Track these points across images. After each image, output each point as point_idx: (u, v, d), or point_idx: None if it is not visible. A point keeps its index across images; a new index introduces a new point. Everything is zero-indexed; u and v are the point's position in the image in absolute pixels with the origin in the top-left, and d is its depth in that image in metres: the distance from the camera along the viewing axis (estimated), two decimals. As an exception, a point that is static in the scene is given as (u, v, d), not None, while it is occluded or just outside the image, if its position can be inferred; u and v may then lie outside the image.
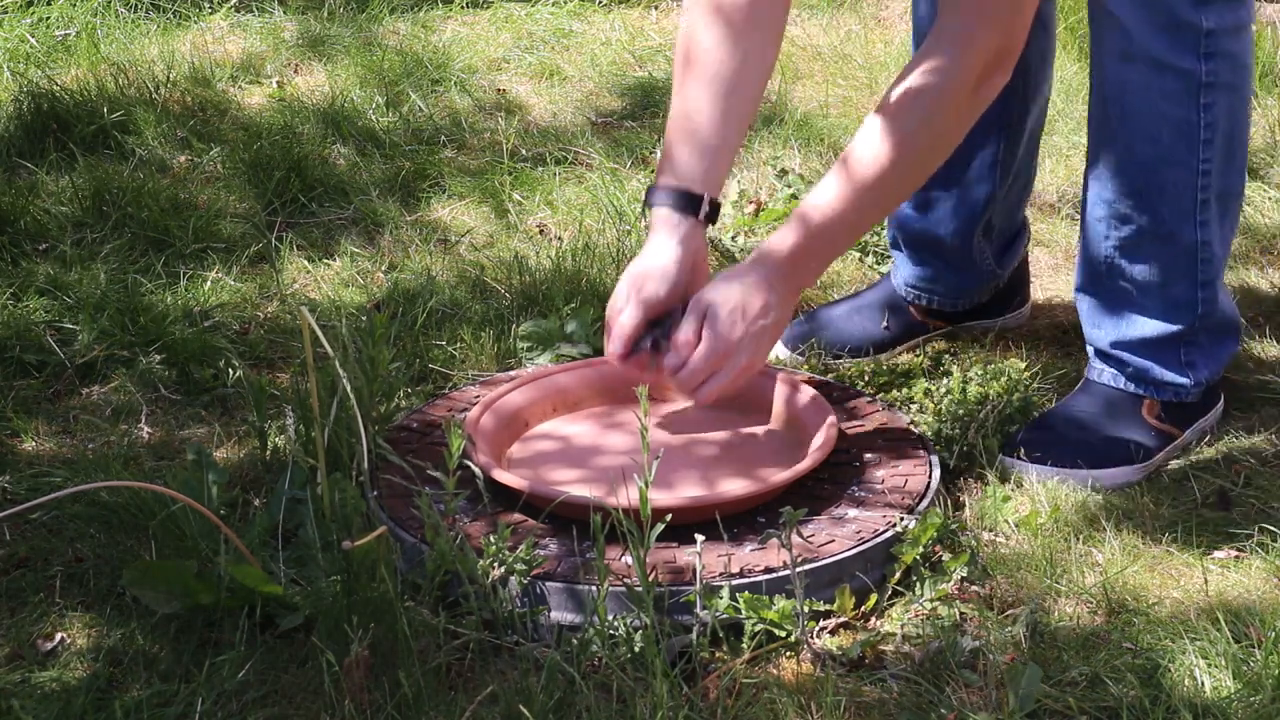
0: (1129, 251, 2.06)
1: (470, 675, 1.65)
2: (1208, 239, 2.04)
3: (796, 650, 1.67)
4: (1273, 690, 1.57)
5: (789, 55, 3.52)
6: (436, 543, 1.69)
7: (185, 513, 1.78)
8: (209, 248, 2.67)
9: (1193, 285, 2.05)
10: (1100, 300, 2.11)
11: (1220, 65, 1.97)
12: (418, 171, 2.99)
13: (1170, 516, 1.94)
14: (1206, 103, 1.98)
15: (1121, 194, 2.04)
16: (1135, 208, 2.03)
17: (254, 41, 3.63)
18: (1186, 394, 2.08)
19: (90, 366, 2.30)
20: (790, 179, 2.84)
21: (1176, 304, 2.06)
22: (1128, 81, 1.99)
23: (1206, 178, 2.01)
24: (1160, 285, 2.06)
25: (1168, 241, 2.04)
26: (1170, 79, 1.97)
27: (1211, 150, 2.00)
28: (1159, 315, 2.07)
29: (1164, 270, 2.05)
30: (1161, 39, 1.96)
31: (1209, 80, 1.97)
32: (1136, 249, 2.05)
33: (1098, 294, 2.11)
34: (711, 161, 1.97)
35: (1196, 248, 2.04)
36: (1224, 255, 2.08)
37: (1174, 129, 1.99)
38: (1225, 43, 1.97)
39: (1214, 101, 1.98)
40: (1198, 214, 2.02)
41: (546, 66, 3.52)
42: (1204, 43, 1.96)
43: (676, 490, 1.87)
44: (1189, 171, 2.01)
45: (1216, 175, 2.02)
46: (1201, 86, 1.97)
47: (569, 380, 2.10)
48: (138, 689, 1.62)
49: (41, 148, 3.00)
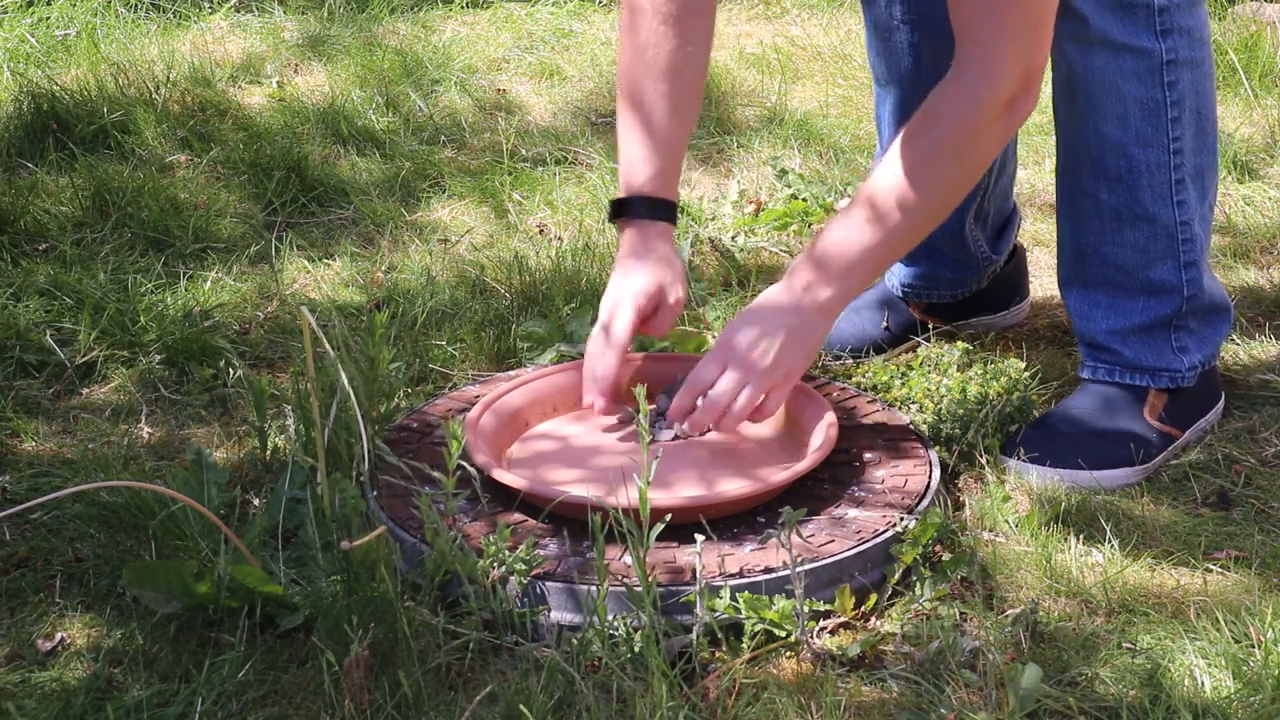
0: (1110, 237, 2.06)
1: (470, 675, 1.65)
2: (1186, 218, 2.04)
3: (796, 650, 1.67)
4: (1273, 690, 1.57)
5: (789, 55, 3.53)
6: (436, 543, 1.69)
7: (185, 513, 1.79)
8: (209, 248, 2.67)
9: (1176, 266, 2.06)
10: (1086, 292, 2.11)
11: (1178, 41, 1.98)
12: (418, 171, 3.00)
13: (1170, 516, 1.94)
14: (1170, 80, 1.99)
15: (1097, 179, 2.04)
16: (1112, 192, 2.04)
17: (254, 41, 3.64)
18: (1183, 378, 2.08)
19: (90, 366, 2.30)
20: (790, 179, 2.84)
21: (1162, 287, 2.07)
22: (1089, 66, 1.99)
23: (1179, 156, 2.02)
24: (1143, 268, 2.06)
25: (1147, 223, 2.04)
26: (1130, 60, 1.98)
27: (1180, 128, 2.01)
28: (1146, 300, 2.07)
29: (1146, 253, 2.06)
30: (1116, 20, 1.96)
31: (1170, 58, 1.98)
32: (1117, 234, 2.05)
33: (1083, 285, 2.11)
34: (668, 161, 1.98)
35: (1175, 228, 2.04)
36: (1205, 235, 2.08)
37: (1141, 109, 2.00)
38: (1179, 18, 1.98)
39: (1178, 79, 1.99)
40: (1174, 194, 2.03)
41: (546, 66, 3.53)
42: (1158, 20, 1.97)
43: (675, 490, 1.87)
44: (1161, 151, 2.01)
45: (1189, 153, 2.02)
46: (1164, 65, 1.98)
47: (569, 380, 2.10)
48: (138, 689, 1.62)
49: (41, 148, 3.01)
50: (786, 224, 2.75)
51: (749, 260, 2.65)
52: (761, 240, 2.71)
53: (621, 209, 1.99)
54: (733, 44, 3.68)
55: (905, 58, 2.21)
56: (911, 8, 2.19)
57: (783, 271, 2.62)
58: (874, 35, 2.25)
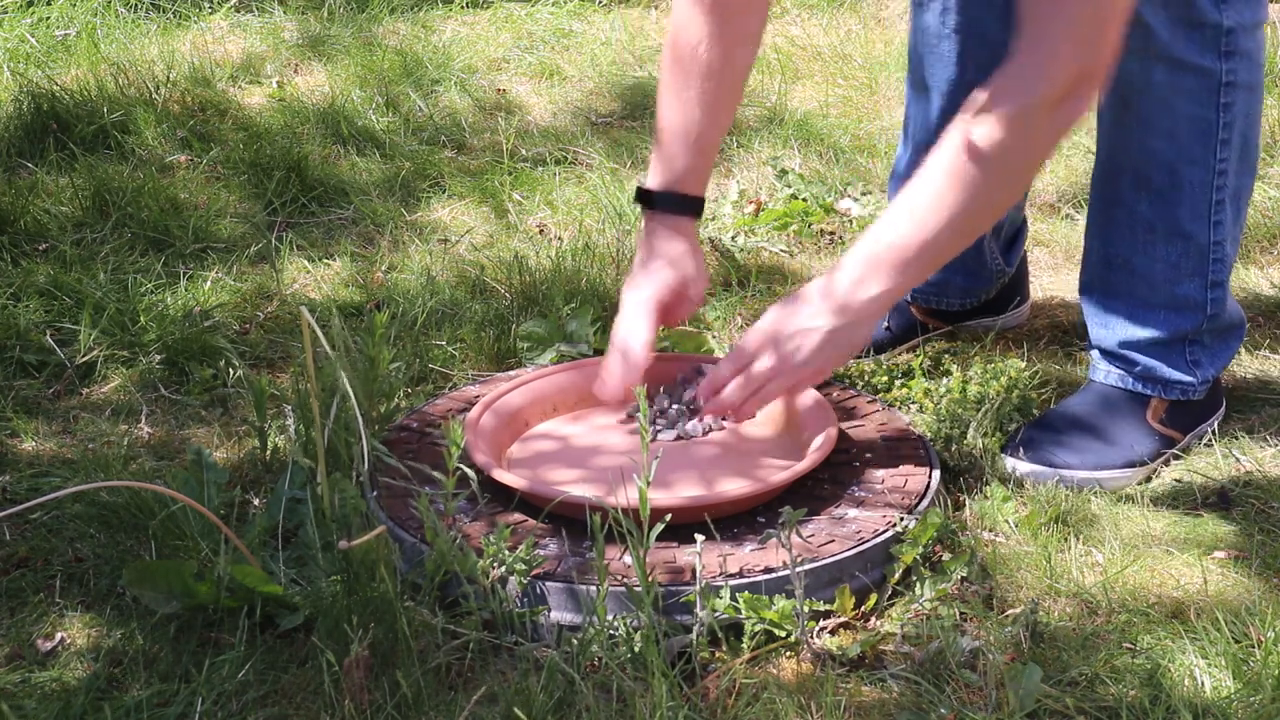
0: (1142, 249, 2.05)
1: (470, 675, 1.65)
2: (1220, 239, 2.04)
3: (796, 650, 1.67)
4: (1273, 690, 1.57)
5: (789, 55, 3.53)
6: (436, 543, 1.69)
7: (185, 513, 1.79)
8: (209, 248, 2.67)
9: (1203, 285, 2.05)
10: (1108, 299, 2.10)
11: (1239, 64, 1.97)
12: (418, 171, 3.00)
13: (1170, 516, 1.94)
14: (1226, 102, 1.98)
15: (1137, 191, 2.03)
16: (1151, 205, 2.03)
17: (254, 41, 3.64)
18: (1194, 392, 2.09)
19: (90, 366, 2.30)
20: (790, 179, 2.84)
21: (1186, 303, 2.06)
22: (1148, 80, 1.98)
23: (1223, 177, 2.01)
24: (1171, 284, 2.05)
25: (1182, 240, 2.03)
26: (1190, 78, 1.97)
27: (1228, 150, 2.00)
28: (1168, 314, 2.06)
29: (1176, 269, 2.05)
30: (1183, 37, 1.95)
31: (1229, 80, 1.97)
32: (1150, 247, 2.05)
33: (1106, 292, 2.10)
34: (701, 158, 1.99)
35: (1209, 247, 2.04)
36: (1234, 256, 2.08)
37: (1193, 127, 1.99)
38: (1243, 41, 1.97)
39: (1233, 101, 1.98)
40: (1212, 214, 2.02)
41: (546, 66, 3.53)
42: (1224, 41, 1.96)
43: (675, 490, 1.87)
44: (1206, 170, 2.00)
45: (1232, 175, 2.02)
46: (1221, 86, 1.97)
47: (569, 380, 2.10)
48: (138, 689, 1.62)
49: (41, 148, 3.01)
50: (786, 224, 2.75)
51: (749, 260, 2.65)
52: (761, 240, 2.71)
53: (645, 199, 2.03)
54: (733, 44, 3.67)
55: (951, 67, 2.20)
56: (964, 18, 2.17)
57: (783, 271, 2.63)
58: (921, 41, 2.24)
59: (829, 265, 2.62)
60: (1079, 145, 3.03)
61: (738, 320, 2.43)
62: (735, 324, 2.42)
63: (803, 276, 2.60)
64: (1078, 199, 2.84)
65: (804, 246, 2.69)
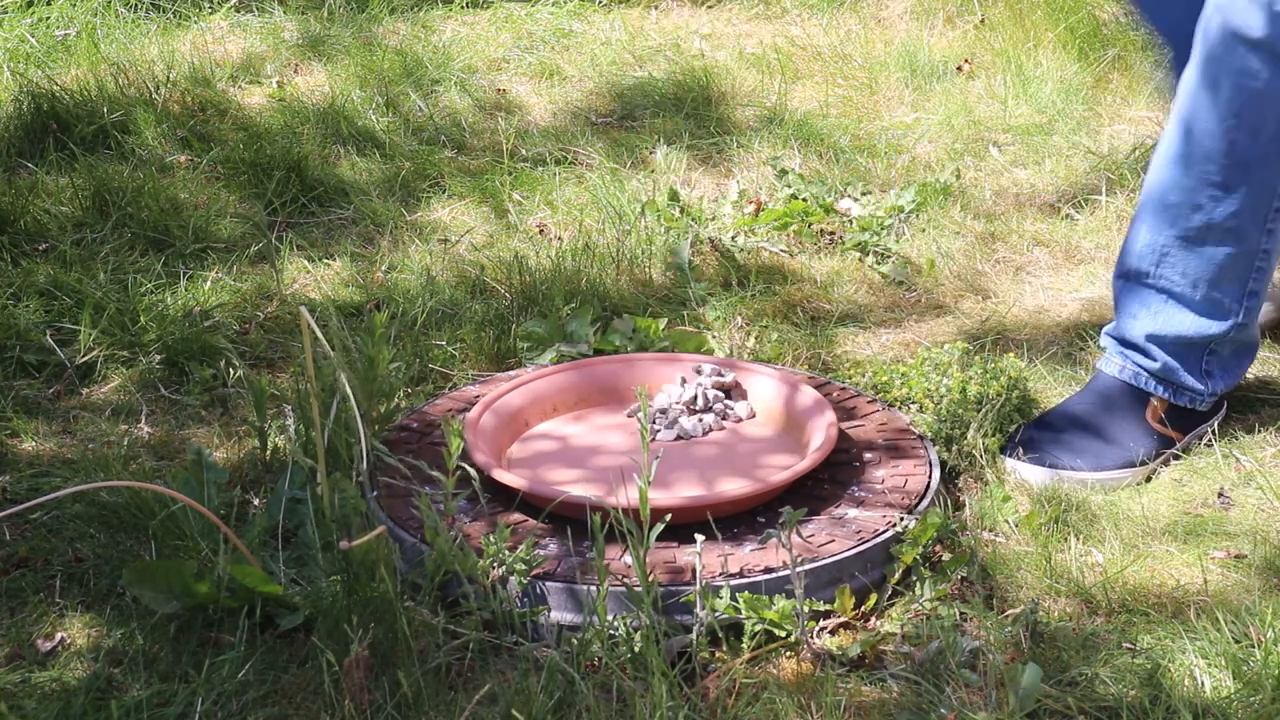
0: (1192, 242, 2.03)
1: (470, 675, 1.65)
2: (1269, 248, 2.02)
3: (796, 650, 1.67)
4: (1273, 690, 1.57)
5: (789, 55, 3.53)
6: (436, 543, 1.69)
7: (185, 513, 1.79)
8: (209, 248, 2.67)
9: (1240, 293, 2.04)
10: (1143, 290, 2.08)
11: None
12: (418, 171, 2.99)
13: (1170, 516, 1.94)
14: None
15: (1204, 184, 2.00)
16: (1214, 199, 2.00)
17: (254, 41, 3.63)
18: (1201, 401, 2.08)
19: (90, 366, 2.30)
20: (790, 179, 2.84)
21: (1218, 307, 2.05)
22: (1246, 70, 1.93)
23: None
24: (1211, 284, 2.04)
25: (1234, 240, 2.01)
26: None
27: None
28: (1201, 314, 2.05)
29: (1220, 268, 2.03)
30: None
31: None
32: (1201, 241, 2.02)
33: (1142, 282, 2.08)
34: None
35: (1257, 254, 2.02)
36: (1273, 269, 2.06)
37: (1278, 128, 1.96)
38: None
39: None
40: (1269, 220, 2.01)
41: (546, 66, 3.52)
42: None
43: (675, 490, 1.87)
44: (1276, 175, 1.99)
45: None
46: None
47: (569, 380, 2.10)
48: (138, 689, 1.62)
49: (41, 148, 3.00)
50: (786, 224, 2.75)
51: (749, 260, 2.65)
52: (761, 240, 2.71)
53: None
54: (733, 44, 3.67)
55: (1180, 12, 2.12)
56: None
57: (783, 271, 2.63)
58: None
59: (828, 265, 2.62)
60: (1078, 146, 3.03)
61: (737, 320, 2.43)
62: (735, 324, 2.42)
63: (803, 276, 2.60)
64: (1078, 199, 2.83)
65: (804, 246, 2.69)
